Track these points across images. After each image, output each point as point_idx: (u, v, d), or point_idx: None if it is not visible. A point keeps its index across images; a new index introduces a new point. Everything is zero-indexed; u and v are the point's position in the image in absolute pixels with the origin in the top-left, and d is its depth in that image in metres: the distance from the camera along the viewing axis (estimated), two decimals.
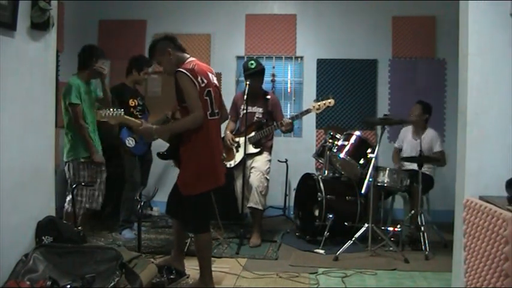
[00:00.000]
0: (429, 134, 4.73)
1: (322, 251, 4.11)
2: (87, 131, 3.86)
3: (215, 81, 3.16)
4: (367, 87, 5.77)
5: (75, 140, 3.87)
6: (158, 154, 3.27)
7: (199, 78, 2.96)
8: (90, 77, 4.01)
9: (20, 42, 2.78)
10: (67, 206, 3.88)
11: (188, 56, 3.13)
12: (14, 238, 2.73)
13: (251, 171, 4.45)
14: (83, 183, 3.91)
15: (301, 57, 5.94)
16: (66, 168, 3.94)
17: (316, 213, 4.38)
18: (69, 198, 3.84)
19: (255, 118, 4.57)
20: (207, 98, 3.02)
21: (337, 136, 4.64)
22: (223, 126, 4.59)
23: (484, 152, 2.58)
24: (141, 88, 4.98)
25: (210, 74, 3.10)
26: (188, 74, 2.92)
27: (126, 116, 3.15)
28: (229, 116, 4.73)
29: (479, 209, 2.36)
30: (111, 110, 3.06)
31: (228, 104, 4.73)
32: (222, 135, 4.51)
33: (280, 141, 5.41)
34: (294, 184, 4.99)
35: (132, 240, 4.24)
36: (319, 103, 4.40)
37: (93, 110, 4.02)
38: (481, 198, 2.48)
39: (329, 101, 4.39)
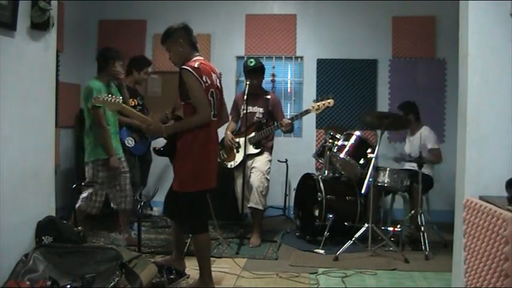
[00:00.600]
0: (423, 132, 4.71)
1: (322, 251, 4.11)
2: (109, 133, 3.87)
3: (218, 82, 3.16)
4: (367, 87, 5.77)
5: (95, 141, 3.89)
6: (154, 149, 3.26)
7: (204, 77, 2.98)
8: (109, 80, 4.02)
9: (20, 42, 2.78)
10: (80, 202, 3.92)
11: (197, 53, 3.14)
12: (14, 238, 2.73)
13: (251, 171, 4.45)
14: (82, 184, 3.91)
15: (301, 57, 5.94)
16: (86, 168, 3.98)
17: (316, 213, 4.38)
18: (84, 195, 3.91)
19: (255, 118, 4.57)
20: (211, 98, 3.04)
21: (337, 136, 4.64)
22: (223, 127, 4.61)
23: (484, 152, 2.58)
24: (140, 88, 4.98)
25: (213, 75, 3.10)
26: (193, 72, 2.94)
27: (126, 106, 3.13)
28: (230, 117, 4.75)
29: (479, 209, 2.36)
30: (110, 96, 3.05)
31: (228, 105, 4.76)
32: (222, 137, 4.51)
33: (280, 141, 5.41)
34: (294, 184, 4.99)
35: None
36: (318, 103, 4.39)
37: (115, 112, 4.03)
38: (481, 198, 2.48)
39: (328, 101, 4.38)
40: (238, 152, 4.58)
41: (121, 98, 3.09)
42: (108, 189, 4.04)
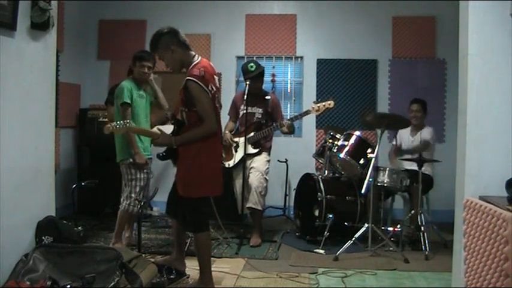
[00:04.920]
0: (424, 131, 4.72)
1: (322, 251, 4.11)
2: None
3: (217, 82, 3.14)
4: (367, 87, 5.77)
5: (124, 141, 3.89)
6: (158, 155, 3.26)
7: (209, 86, 2.95)
8: (138, 81, 4.03)
9: (20, 42, 2.79)
10: (122, 204, 3.92)
11: (193, 54, 3.08)
12: (14, 238, 2.73)
13: (250, 171, 4.45)
14: (82, 183, 3.91)
15: (301, 57, 5.93)
16: (120, 168, 3.99)
17: (316, 213, 4.38)
18: (123, 196, 3.92)
19: (255, 119, 4.56)
20: (218, 105, 3.04)
21: (337, 136, 4.63)
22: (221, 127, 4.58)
23: (484, 152, 2.58)
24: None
25: (215, 78, 3.09)
26: (200, 83, 2.90)
27: (132, 126, 3.16)
28: (229, 116, 4.75)
29: (479, 209, 2.36)
30: (118, 122, 3.05)
31: (227, 104, 4.77)
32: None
33: (280, 141, 5.41)
34: (294, 184, 4.99)
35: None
36: (318, 104, 4.38)
37: (147, 114, 4.06)
38: (481, 198, 2.48)
39: (328, 102, 4.38)
40: (236, 151, 4.58)
41: (128, 121, 3.12)
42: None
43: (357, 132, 4.59)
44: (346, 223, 4.33)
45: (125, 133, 3.84)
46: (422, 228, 4.12)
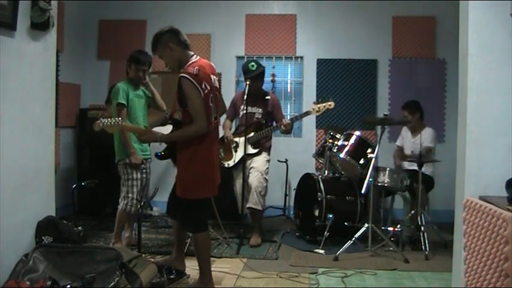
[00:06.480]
0: (425, 132, 4.72)
1: (322, 251, 4.11)
2: (127, 132, 3.86)
3: (216, 82, 3.12)
4: (367, 87, 5.77)
5: (121, 141, 3.90)
6: (156, 155, 3.26)
7: (203, 84, 2.92)
8: (134, 82, 4.03)
9: (20, 42, 2.79)
10: (120, 204, 3.92)
11: (192, 53, 3.07)
12: (14, 238, 2.73)
13: (250, 171, 4.45)
14: (82, 183, 3.91)
15: (301, 57, 5.93)
16: (118, 168, 3.99)
17: (316, 213, 4.38)
18: (121, 196, 3.93)
19: (255, 119, 4.57)
20: (212, 104, 3.00)
21: (337, 136, 4.63)
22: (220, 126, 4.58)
23: (484, 152, 2.58)
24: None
25: (212, 77, 3.05)
26: (192, 80, 2.87)
27: (126, 124, 3.15)
28: (226, 115, 4.75)
29: (479, 209, 2.36)
30: (110, 119, 3.05)
31: (227, 104, 4.76)
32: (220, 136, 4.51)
33: (280, 141, 5.41)
34: (294, 184, 4.99)
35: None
36: (319, 105, 4.38)
37: (145, 114, 4.06)
38: (481, 198, 2.48)
39: (329, 103, 4.38)
40: (236, 151, 4.58)
41: (120, 119, 3.08)
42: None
43: (357, 132, 4.59)
44: (346, 223, 4.33)
45: (120, 133, 3.84)
46: (422, 228, 4.12)
